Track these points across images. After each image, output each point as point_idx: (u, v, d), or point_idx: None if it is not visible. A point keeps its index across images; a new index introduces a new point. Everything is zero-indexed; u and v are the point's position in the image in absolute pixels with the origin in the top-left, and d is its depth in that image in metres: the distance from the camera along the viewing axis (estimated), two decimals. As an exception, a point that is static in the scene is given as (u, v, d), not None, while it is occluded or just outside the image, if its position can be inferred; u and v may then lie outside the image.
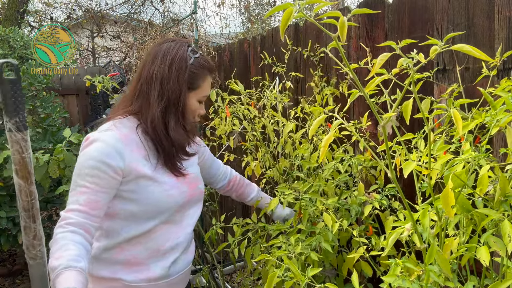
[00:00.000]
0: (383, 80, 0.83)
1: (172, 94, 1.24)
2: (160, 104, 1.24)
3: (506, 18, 1.36)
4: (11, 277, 3.38)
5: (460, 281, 1.07)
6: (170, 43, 1.29)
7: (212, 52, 3.35)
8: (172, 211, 1.28)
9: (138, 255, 1.26)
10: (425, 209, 0.92)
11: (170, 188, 1.26)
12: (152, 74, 1.25)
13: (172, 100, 1.25)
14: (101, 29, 7.75)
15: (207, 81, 1.32)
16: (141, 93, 1.27)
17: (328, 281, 1.39)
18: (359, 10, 0.78)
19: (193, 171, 1.39)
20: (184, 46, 1.28)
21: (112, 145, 1.17)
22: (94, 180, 1.13)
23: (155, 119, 1.23)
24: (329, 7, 4.16)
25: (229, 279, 2.95)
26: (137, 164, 1.21)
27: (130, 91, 1.32)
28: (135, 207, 1.22)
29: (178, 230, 1.31)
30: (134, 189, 1.21)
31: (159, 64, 1.25)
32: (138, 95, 1.28)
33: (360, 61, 1.41)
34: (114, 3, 8.21)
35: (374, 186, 1.54)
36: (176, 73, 1.24)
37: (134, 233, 1.24)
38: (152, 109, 1.23)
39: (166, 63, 1.24)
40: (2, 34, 3.55)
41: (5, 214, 3.02)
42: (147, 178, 1.22)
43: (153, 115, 1.23)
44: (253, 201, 1.71)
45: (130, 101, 1.29)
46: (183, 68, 1.25)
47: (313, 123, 0.88)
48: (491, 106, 0.96)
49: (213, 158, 1.63)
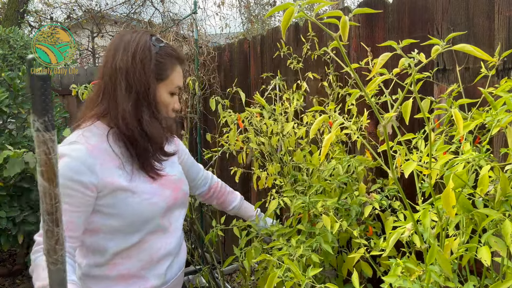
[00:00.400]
0: (383, 80, 0.83)
1: (140, 86, 1.15)
2: (129, 99, 1.14)
3: (506, 18, 1.37)
4: (11, 277, 3.38)
5: (460, 282, 1.07)
6: (132, 34, 1.20)
7: (212, 52, 3.36)
8: (157, 219, 1.20)
9: (131, 268, 1.19)
10: (426, 209, 0.92)
11: (151, 197, 1.18)
12: (116, 68, 1.15)
13: (141, 93, 1.15)
14: (101, 29, 7.76)
15: (177, 71, 1.23)
16: (106, 90, 1.17)
17: (328, 282, 1.39)
18: (360, 10, 0.78)
19: (175, 172, 1.30)
20: (146, 35, 1.19)
21: (81, 159, 1.07)
22: (65, 200, 1.02)
23: (126, 115, 1.13)
24: (329, 7, 4.16)
25: (229, 279, 2.95)
26: (111, 176, 1.11)
27: (94, 91, 1.21)
28: (117, 222, 1.13)
29: (168, 236, 1.25)
30: (112, 203, 1.12)
31: (121, 57, 1.15)
32: (103, 94, 1.17)
33: (360, 61, 1.41)
34: (114, 3, 8.22)
35: (375, 186, 1.54)
36: (140, 63, 1.15)
37: (124, 247, 1.16)
38: (122, 106, 1.14)
39: (128, 54, 1.15)
40: (2, 34, 3.55)
41: (5, 214, 3.02)
42: (124, 189, 1.13)
43: (124, 111, 1.13)
44: (235, 210, 1.63)
45: (96, 102, 1.19)
46: (147, 57, 1.16)
47: (315, 122, 0.88)
48: (491, 106, 0.96)
49: (192, 161, 1.53)
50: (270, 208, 1.51)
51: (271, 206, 1.52)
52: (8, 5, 6.01)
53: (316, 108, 1.29)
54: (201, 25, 6.90)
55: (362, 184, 1.46)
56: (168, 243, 1.25)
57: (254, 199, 2.95)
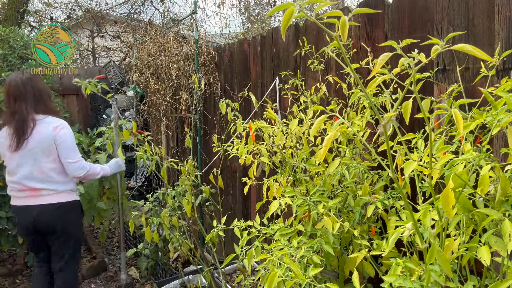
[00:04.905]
0: (382, 80, 0.83)
1: None
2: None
3: (506, 18, 1.36)
4: (11, 277, 3.37)
5: (460, 281, 1.07)
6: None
7: (212, 52, 3.35)
8: None
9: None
10: (426, 209, 0.92)
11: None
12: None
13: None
14: (101, 29, 7.75)
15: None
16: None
17: (329, 282, 1.39)
18: (360, 10, 0.78)
19: None
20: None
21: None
22: None
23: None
24: (329, 7, 4.16)
25: (229, 279, 2.95)
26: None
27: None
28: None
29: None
30: None
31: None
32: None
33: (360, 61, 1.41)
34: (114, 3, 8.21)
35: (380, 183, 1.52)
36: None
37: None
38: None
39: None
40: (2, 34, 3.55)
41: (5, 214, 3.02)
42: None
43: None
44: None
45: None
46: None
47: (316, 122, 0.88)
48: (492, 106, 0.96)
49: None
50: (270, 209, 1.51)
51: (272, 207, 1.51)
52: (8, 5, 6.01)
53: (316, 108, 1.29)
54: (201, 25, 6.90)
55: (366, 185, 1.45)
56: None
57: (253, 214, 2.95)
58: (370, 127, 1.80)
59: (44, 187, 2.31)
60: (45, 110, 2.33)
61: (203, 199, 2.66)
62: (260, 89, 2.78)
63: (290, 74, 2.36)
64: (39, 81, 2.39)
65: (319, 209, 1.38)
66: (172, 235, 2.31)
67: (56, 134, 2.27)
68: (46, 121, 2.30)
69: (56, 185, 2.33)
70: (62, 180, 2.35)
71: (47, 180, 2.31)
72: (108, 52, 7.91)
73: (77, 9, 7.97)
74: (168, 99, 3.84)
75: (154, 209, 2.42)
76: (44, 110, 2.32)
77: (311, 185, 1.65)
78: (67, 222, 2.38)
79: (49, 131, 2.27)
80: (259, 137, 1.82)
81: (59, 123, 2.32)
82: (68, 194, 2.39)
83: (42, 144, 2.26)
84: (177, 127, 4.05)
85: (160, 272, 3.10)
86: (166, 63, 3.76)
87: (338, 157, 1.56)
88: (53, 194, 2.33)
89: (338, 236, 1.47)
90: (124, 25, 7.56)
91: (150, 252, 3.00)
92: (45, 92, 2.37)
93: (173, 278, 2.68)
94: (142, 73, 4.26)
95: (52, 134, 2.27)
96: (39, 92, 2.33)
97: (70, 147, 2.31)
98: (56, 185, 2.33)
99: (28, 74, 2.39)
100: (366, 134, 1.60)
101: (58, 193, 2.34)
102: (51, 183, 2.32)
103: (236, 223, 1.65)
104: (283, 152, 1.73)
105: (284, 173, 1.72)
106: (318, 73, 2.18)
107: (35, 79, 2.38)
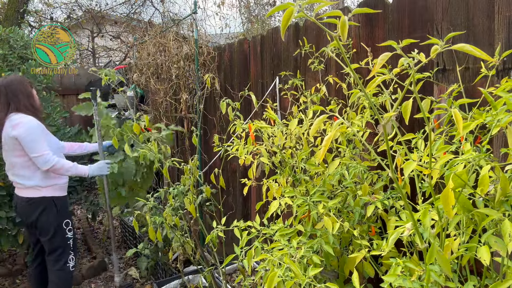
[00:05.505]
0: (381, 80, 0.83)
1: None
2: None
3: (506, 18, 1.36)
4: (11, 277, 3.37)
5: (460, 281, 1.07)
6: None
7: (212, 52, 3.35)
8: None
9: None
10: (426, 209, 0.92)
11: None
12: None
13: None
14: (101, 29, 7.75)
15: None
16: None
17: (329, 282, 1.39)
18: (360, 9, 0.78)
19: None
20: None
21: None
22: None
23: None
24: (329, 7, 4.16)
25: (229, 279, 2.95)
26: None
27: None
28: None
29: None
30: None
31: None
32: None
33: (360, 61, 1.41)
34: (114, 3, 8.22)
35: (380, 183, 1.52)
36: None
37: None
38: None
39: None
40: (2, 34, 3.55)
41: (5, 214, 3.02)
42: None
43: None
44: None
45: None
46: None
47: (314, 122, 0.88)
48: (491, 106, 0.96)
49: None
50: (270, 209, 1.51)
51: (272, 207, 1.51)
52: (8, 5, 6.01)
53: (316, 108, 1.29)
54: (201, 25, 6.90)
55: (365, 185, 1.45)
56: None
57: (253, 214, 2.95)
58: (370, 127, 1.80)
59: (16, 180, 2.51)
60: (17, 109, 2.44)
61: (203, 199, 2.66)
62: (260, 89, 2.78)
63: (290, 74, 2.36)
64: (18, 82, 2.49)
65: (319, 209, 1.38)
66: (173, 234, 2.31)
67: (15, 131, 2.38)
68: (10, 119, 2.42)
69: (23, 179, 2.48)
70: (28, 175, 2.47)
71: (16, 174, 2.49)
72: (108, 52, 7.91)
73: (77, 9, 7.97)
74: (168, 99, 3.84)
75: (154, 209, 2.42)
76: (16, 109, 2.44)
77: (311, 185, 1.65)
78: (41, 218, 2.49)
79: (8, 129, 2.41)
80: (259, 138, 1.82)
81: (19, 121, 2.40)
82: (36, 190, 2.48)
83: (6, 141, 2.44)
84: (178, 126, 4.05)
85: (160, 272, 3.10)
86: (166, 63, 3.76)
87: (338, 157, 1.56)
88: (23, 189, 2.50)
89: (338, 236, 1.47)
90: (124, 25, 7.56)
91: (150, 252, 3.00)
92: (20, 92, 2.47)
93: (173, 278, 2.68)
94: (142, 73, 4.26)
95: (11, 132, 2.39)
96: (13, 92, 2.45)
97: (30, 142, 2.40)
98: (23, 179, 2.48)
99: (10, 77, 2.53)
100: (366, 134, 1.61)
101: (26, 188, 2.49)
102: (18, 176, 2.49)
103: (236, 224, 1.64)
104: (283, 153, 1.73)
105: (284, 173, 1.72)
106: (318, 73, 2.17)
107: (14, 81, 2.49)
